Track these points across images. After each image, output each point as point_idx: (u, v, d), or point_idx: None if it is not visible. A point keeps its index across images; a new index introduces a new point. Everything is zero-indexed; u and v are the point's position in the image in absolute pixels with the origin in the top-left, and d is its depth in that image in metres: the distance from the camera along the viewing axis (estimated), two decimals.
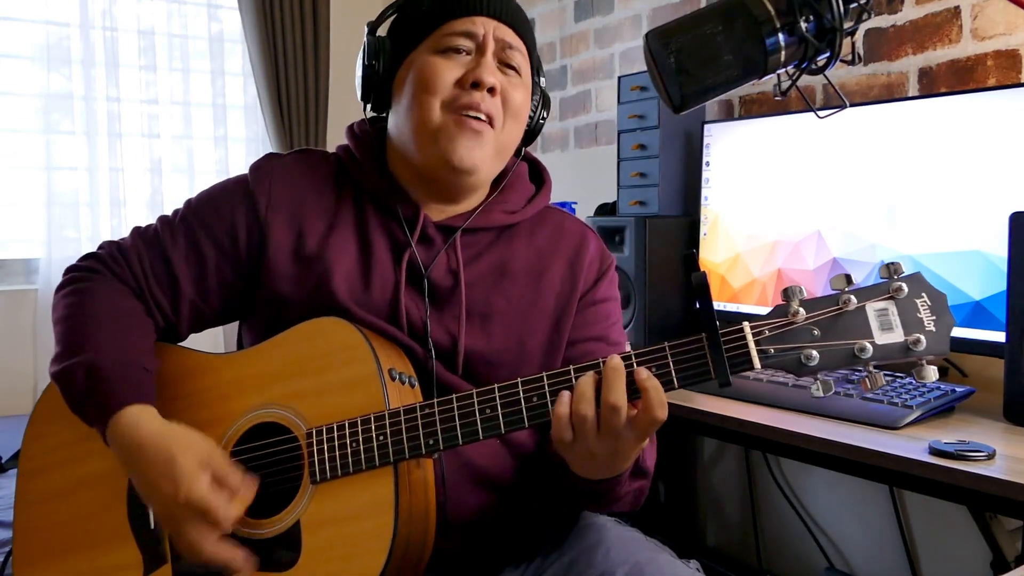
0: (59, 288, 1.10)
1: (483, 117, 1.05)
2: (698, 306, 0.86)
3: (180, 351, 1.10)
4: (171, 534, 0.98)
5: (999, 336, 1.35)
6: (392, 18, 1.16)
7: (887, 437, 1.19)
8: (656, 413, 0.85)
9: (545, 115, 1.19)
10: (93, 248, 1.14)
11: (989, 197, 1.41)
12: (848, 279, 0.85)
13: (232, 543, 0.95)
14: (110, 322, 1.04)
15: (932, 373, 0.82)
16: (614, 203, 2.16)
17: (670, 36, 0.87)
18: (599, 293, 1.16)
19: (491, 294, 1.10)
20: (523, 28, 1.11)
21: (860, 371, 1.39)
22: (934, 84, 1.72)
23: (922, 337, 0.82)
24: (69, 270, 1.12)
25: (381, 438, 0.94)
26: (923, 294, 0.84)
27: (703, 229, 1.92)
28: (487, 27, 1.07)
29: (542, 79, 1.20)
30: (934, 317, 0.83)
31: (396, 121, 1.11)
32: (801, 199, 1.72)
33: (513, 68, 1.09)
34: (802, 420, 1.28)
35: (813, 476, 2.00)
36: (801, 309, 0.85)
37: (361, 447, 0.94)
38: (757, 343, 0.85)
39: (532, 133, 1.19)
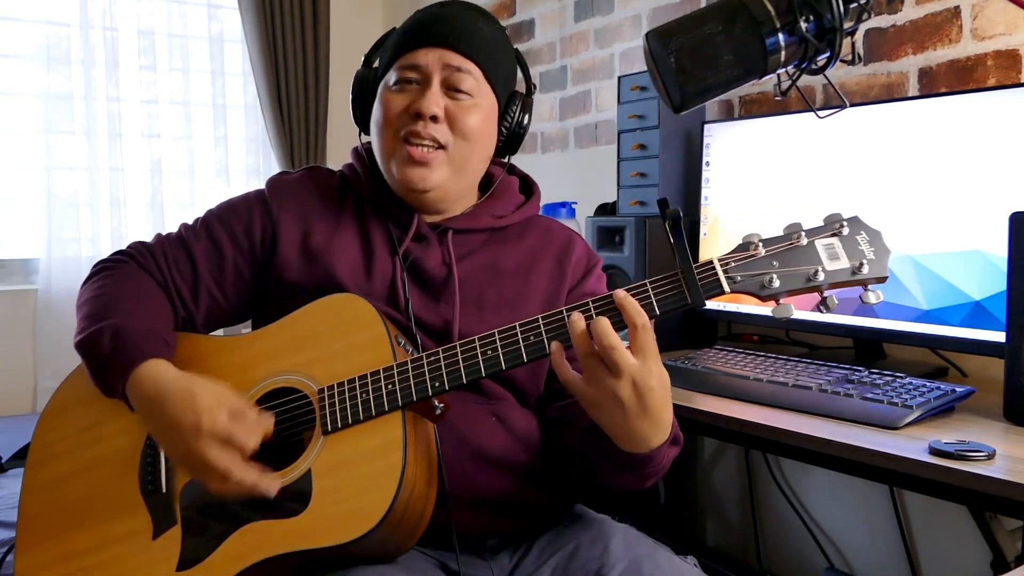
0: (88, 279, 1.18)
1: (428, 143, 1.14)
2: (672, 240, 0.96)
3: (197, 337, 1.17)
4: (195, 472, 1.01)
5: (999, 336, 1.35)
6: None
7: (887, 437, 1.19)
8: (635, 319, 0.93)
9: (526, 119, 1.25)
10: (93, 248, 1.22)
11: (989, 197, 1.41)
12: (798, 225, 0.99)
13: (257, 466, 0.99)
14: (135, 298, 1.13)
15: (873, 297, 0.96)
16: (614, 203, 2.16)
17: (670, 36, 0.88)
18: (587, 287, 1.24)
19: (483, 288, 1.18)
20: (474, 50, 1.16)
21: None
22: (934, 84, 1.72)
23: (865, 263, 0.96)
24: (99, 263, 1.21)
25: (390, 386, 1.00)
26: (862, 231, 0.98)
27: (703, 229, 1.92)
28: (430, 57, 1.15)
29: (518, 84, 1.25)
30: (873, 248, 0.97)
31: (373, 147, 1.22)
32: (801, 199, 1.72)
33: (463, 92, 1.16)
34: (802, 420, 1.28)
35: (813, 476, 2.01)
36: (761, 245, 0.98)
37: (371, 395, 1.00)
38: (725, 271, 0.97)
39: (512, 140, 1.25)
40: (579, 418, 1.09)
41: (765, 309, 1.79)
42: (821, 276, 0.96)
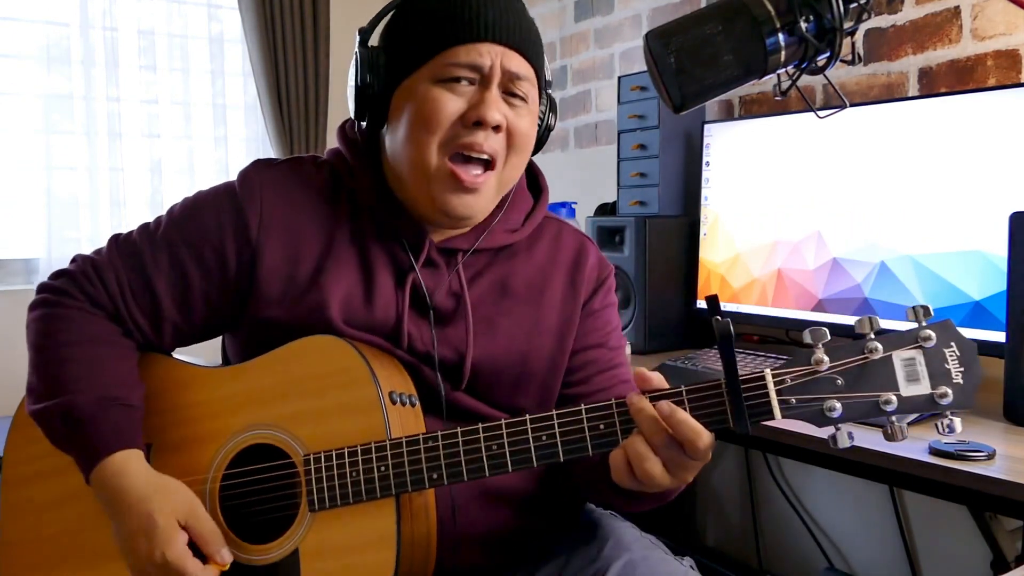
0: (32, 307, 1.06)
1: (485, 157, 0.99)
2: (720, 355, 0.82)
3: (168, 361, 1.06)
4: None
5: (999, 336, 1.35)
6: (386, 23, 1.06)
7: None
8: (689, 439, 0.83)
9: (553, 120, 1.12)
10: (93, 248, 1.08)
11: (989, 197, 1.41)
12: (872, 322, 0.81)
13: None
14: (85, 355, 0.99)
15: (958, 425, 0.79)
16: (614, 203, 2.16)
17: (670, 36, 0.87)
18: (598, 302, 1.14)
19: (493, 313, 1.07)
20: (533, 52, 1.02)
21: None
22: (934, 84, 1.72)
23: (949, 390, 0.78)
24: (41, 288, 1.06)
25: (383, 468, 0.91)
26: (952, 343, 0.80)
27: (703, 229, 1.92)
28: (494, 56, 0.97)
29: (549, 83, 1.13)
30: (962, 369, 0.79)
31: (392, 147, 1.03)
32: (801, 199, 1.72)
33: (520, 96, 1.01)
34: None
35: (813, 476, 2.00)
36: (825, 357, 0.81)
37: (362, 477, 0.92)
38: (778, 392, 0.82)
39: (539, 141, 1.11)
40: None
41: (766, 309, 1.79)
42: (893, 404, 0.79)
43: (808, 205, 1.70)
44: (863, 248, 1.60)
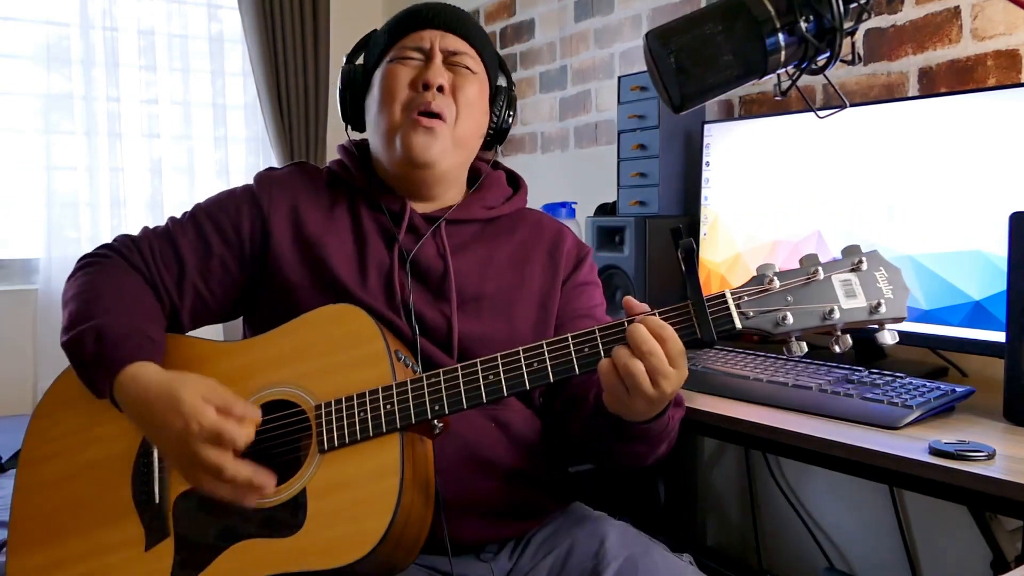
0: (72, 274, 1.17)
1: (436, 114, 1.17)
2: (684, 272, 0.94)
3: (189, 340, 1.15)
4: (189, 474, 0.99)
5: (999, 336, 1.35)
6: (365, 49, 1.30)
7: (887, 437, 1.19)
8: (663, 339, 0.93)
9: (511, 115, 1.30)
10: (93, 248, 1.21)
11: (989, 197, 1.41)
12: (812, 259, 0.97)
13: (250, 463, 0.97)
14: (120, 296, 1.11)
15: (890, 337, 0.95)
16: (614, 203, 2.16)
17: (670, 36, 0.88)
18: (580, 277, 1.27)
19: (480, 282, 1.20)
20: (472, 36, 1.24)
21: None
22: (934, 84, 1.72)
23: (883, 303, 0.94)
24: (83, 257, 1.19)
25: (388, 407, 0.99)
26: (881, 268, 0.96)
27: (703, 229, 1.92)
28: (433, 38, 1.21)
29: (504, 79, 1.32)
30: (892, 287, 0.95)
31: (370, 131, 1.26)
32: (801, 199, 1.72)
33: (464, 67, 1.22)
34: (802, 420, 1.28)
35: (813, 476, 2.01)
36: (776, 278, 0.96)
37: (369, 415, 0.99)
38: (737, 306, 0.95)
39: (500, 133, 1.30)
40: (582, 408, 1.12)
41: None
42: (837, 315, 0.94)
43: (808, 205, 1.70)
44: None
